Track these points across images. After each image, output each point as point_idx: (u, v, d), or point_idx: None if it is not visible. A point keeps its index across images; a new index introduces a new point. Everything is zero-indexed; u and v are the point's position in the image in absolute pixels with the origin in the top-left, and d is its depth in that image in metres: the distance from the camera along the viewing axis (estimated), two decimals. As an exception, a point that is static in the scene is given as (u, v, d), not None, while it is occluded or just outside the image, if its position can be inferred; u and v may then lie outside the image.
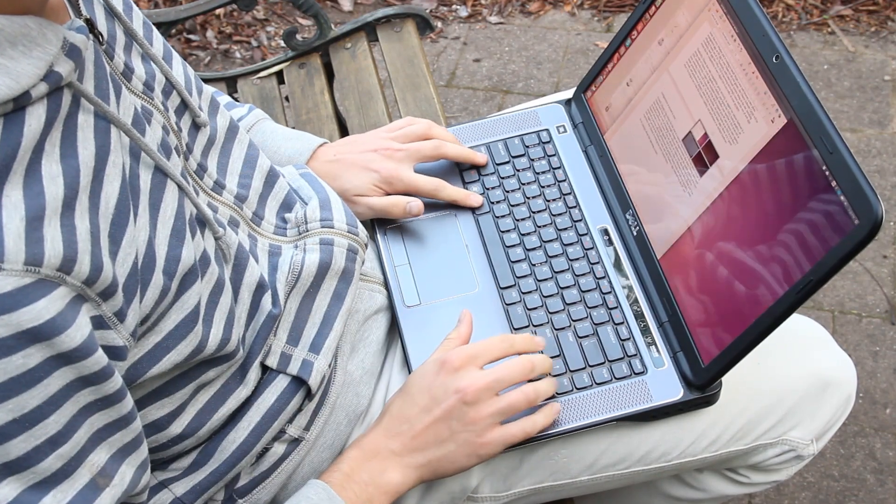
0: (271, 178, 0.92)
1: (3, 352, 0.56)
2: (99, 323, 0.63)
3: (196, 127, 0.83)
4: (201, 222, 0.77)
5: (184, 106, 0.82)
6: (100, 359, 0.62)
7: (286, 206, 0.93)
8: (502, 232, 1.04)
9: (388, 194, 1.03)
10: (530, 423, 0.87)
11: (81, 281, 0.60)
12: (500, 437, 0.86)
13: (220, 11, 2.55)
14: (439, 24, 2.51)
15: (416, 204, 1.02)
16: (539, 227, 1.04)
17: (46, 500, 0.61)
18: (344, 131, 1.47)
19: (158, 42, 0.83)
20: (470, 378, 0.85)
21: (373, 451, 0.86)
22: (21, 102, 0.59)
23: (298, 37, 1.55)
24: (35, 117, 0.60)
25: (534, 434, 0.88)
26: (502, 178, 1.08)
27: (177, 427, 0.80)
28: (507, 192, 1.07)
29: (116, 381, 0.64)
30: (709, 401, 0.93)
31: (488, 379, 0.85)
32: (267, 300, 0.83)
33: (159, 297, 0.69)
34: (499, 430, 0.86)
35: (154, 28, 0.84)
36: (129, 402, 0.67)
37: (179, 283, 0.71)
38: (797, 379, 0.98)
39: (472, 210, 1.06)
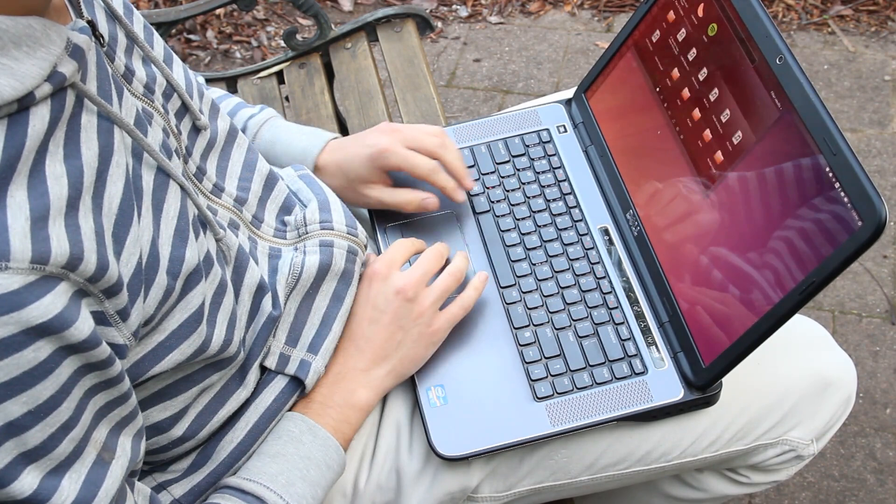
0: (271, 182, 0.92)
1: (14, 348, 0.57)
2: (100, 319, 0.63)
3: (196, 130, 0.83)
4: (203, 223, 0.77)
5: (184, 109, 0.82)
6: (105, 348, 0.63)
7: (286, 209, 0.93)
8: (502, 231, 1.04)
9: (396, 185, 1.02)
10: (465, 299, 0.94)
11: (85, 278, 0.60)
12: (445, 321, 0.92)
13: (220, 11, 2.55)
14: (439, 24, 2.51)
15: (432, 200, 1.01)
16: (539, 226, 1.04)
17: (64, 484, 0.62)
18: (344, 131, 1.47)
19: (159, 45, 0.83)
20: (403, 278, 0.91)
21: (339, 375, 0.89)
22: (25, 103, 0.59)
23: (298, 37, 1.55)
24: (39, 118, 0.60)
25: (470, 307, 0.94)
26: (502, 177, 1.08)
27: (178, 430, 0.80)
28: (508, 191, 1.07)
29: (118, 366, 0.65)
30: (709, 401, 0.93)
31: (417, 273, 0.92)
32: (267, 302, 0.83)
33: (163, 297, 0.69)
34: (442, 314, 0.92)
35: (154, 31, 0.84)
36: (127, 381, 0.67)
37: (184, 284, 0.71)
38: (797, 379, 0.98)
39: (473, 209, 1.06)
